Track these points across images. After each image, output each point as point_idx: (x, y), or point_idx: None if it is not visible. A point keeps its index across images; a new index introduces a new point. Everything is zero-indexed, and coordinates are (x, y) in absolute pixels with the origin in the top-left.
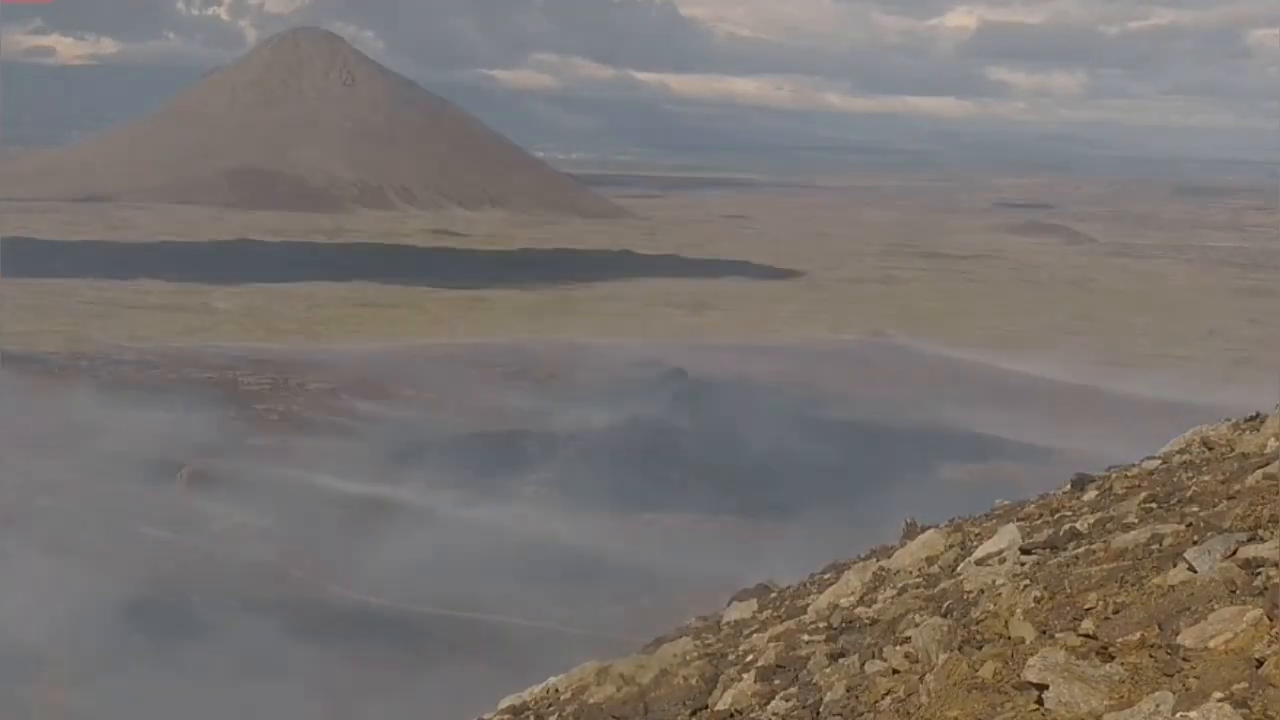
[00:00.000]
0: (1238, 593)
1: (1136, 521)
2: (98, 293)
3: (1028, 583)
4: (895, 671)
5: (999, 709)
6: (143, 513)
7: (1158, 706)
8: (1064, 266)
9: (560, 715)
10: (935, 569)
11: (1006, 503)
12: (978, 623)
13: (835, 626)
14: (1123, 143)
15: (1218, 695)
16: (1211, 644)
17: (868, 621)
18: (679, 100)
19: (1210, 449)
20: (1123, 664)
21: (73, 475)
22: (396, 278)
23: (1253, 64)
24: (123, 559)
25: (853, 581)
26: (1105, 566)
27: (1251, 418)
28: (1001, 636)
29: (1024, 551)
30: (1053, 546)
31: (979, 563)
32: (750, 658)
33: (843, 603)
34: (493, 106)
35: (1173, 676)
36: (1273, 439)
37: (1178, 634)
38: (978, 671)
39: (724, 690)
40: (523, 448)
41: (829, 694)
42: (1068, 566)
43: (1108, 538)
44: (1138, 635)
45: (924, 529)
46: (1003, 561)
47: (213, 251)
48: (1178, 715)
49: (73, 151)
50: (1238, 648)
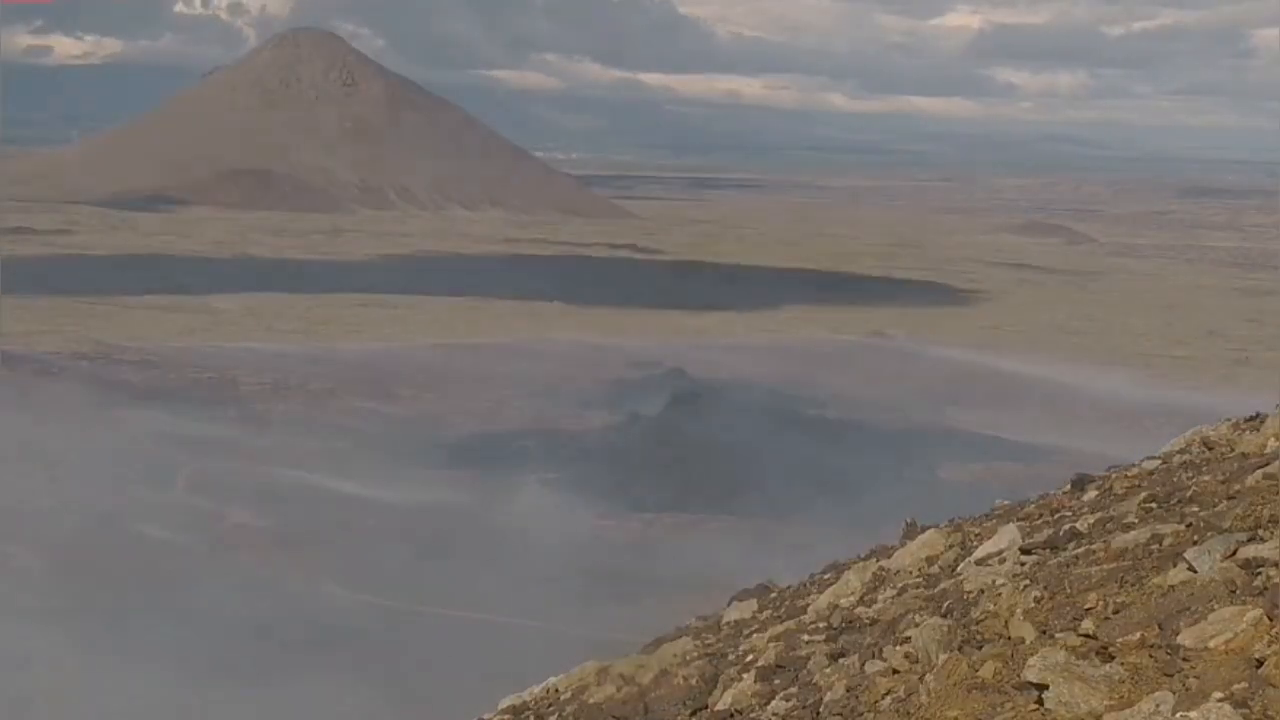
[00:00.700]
0: (1238, 593)
1: (1136, 521)
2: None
3: (1028, 583)
4: (895, 671)
5: (999, 709)
6: (143, 513)
7: (1158, 706)
8: (1064, 266)
9: (560, 715)
10: (935, 569)
11: (1006, 503)
12: (978, 623)
13: (835, 626)
14: (1124, 143)
15: (1218, 695)
16: (1211, 644)
17: (868, 621)
18: (680, 100)
19: (1210, 449)
20: (1123, 664)
21: (72, 476)
22: (396, 277)
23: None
24: (123, 559)
25: (853, 581)
26: (1105, 566)
27: (1251, 418)
28: (1001, 636)
29: (1024, 551)
30: (1053, 546)
31: (979, 563)
32: (750, 658)
33: (843, 603)
34: (493, 107)
35: (1173, 676)
36: (1273, 439)
37: (1178, 634)
38: (978, 671)
39: (724, 690)
40: (523, 448)
41: (829, 694)
42: (1068, 566)
43: (1108, 538)
44: (1138, 635)
45: (924, 529)
46: (1003, 561)
47: (213, 252)
48: (1178, 715)
49: (73, 151)
50: (1238, 648)
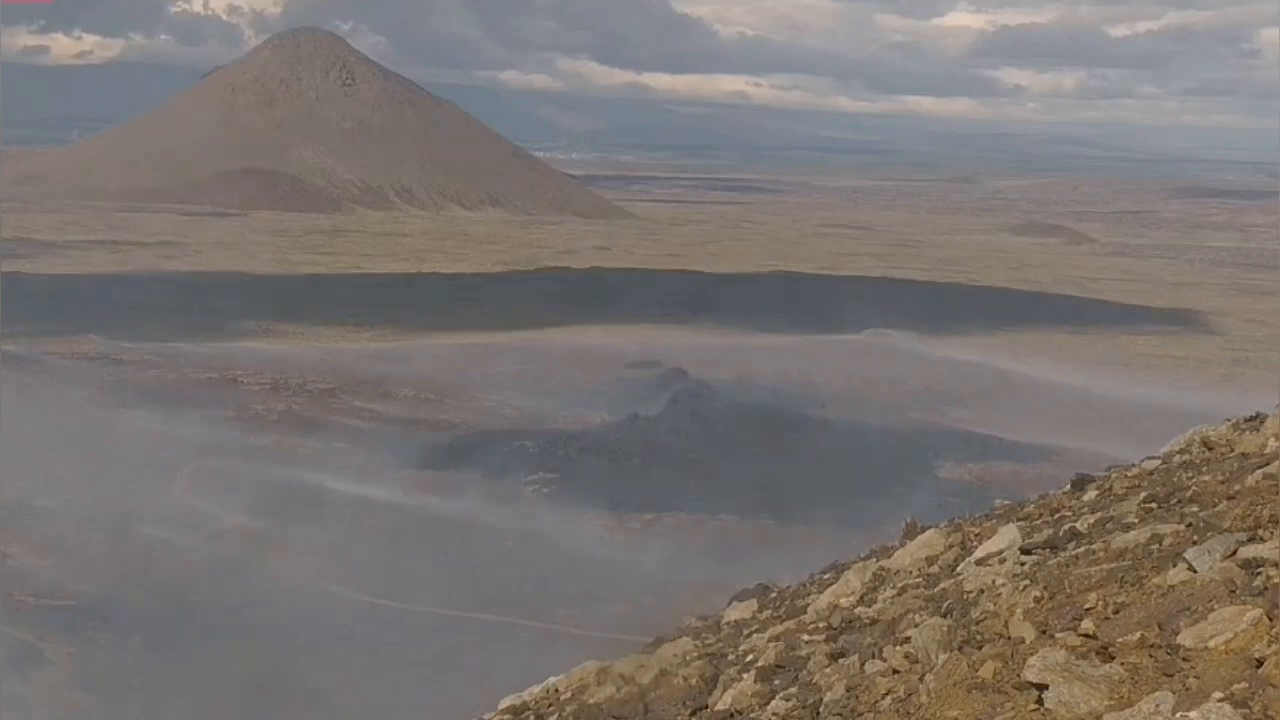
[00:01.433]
0: (1238, 593)
1: (1136, 521)
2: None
3: (1028, 583)
4: (895, 671)
5: (999, 709)
6: (143, 513)
7: (1158, 706)
8: (1064, 266)
9: (560, 715)
10: (935, 569)
11: (1006, 503)
12: (978, 623)
13: (835, 626)
14: (1126, 144)
15: (1218, 695)
16: (1211, 644)
17: (868, 621)
18: (681, 100)
19: (1210, 449)
20: (1123, 664)
21: (72, 475)
22: (396, 277)
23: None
24: (122, 559)
25: (853, 581)
26: (1105, 566)
27: (1251, 418)
28: (1001, 636)
29: (1024, 551)
30: (1053, 546)
31: (979, 563)
32: (750, 658)
33: (843, 603)
34: (493, 106)
35: (1173, 676)
36: (1273, 439)
37: (1178, 634)
38: (978, 671)
39: (724, 690)
40: (523, 448)
41: (829, 694)
42: (1068, 566)
43: (1108, 538)
44: (1138, 635)
45: (924, 529)
46: (1003, 561)
47: (212, 252)
48: (1178, 715)
49: (73, 151)
50: (1238, 648)
